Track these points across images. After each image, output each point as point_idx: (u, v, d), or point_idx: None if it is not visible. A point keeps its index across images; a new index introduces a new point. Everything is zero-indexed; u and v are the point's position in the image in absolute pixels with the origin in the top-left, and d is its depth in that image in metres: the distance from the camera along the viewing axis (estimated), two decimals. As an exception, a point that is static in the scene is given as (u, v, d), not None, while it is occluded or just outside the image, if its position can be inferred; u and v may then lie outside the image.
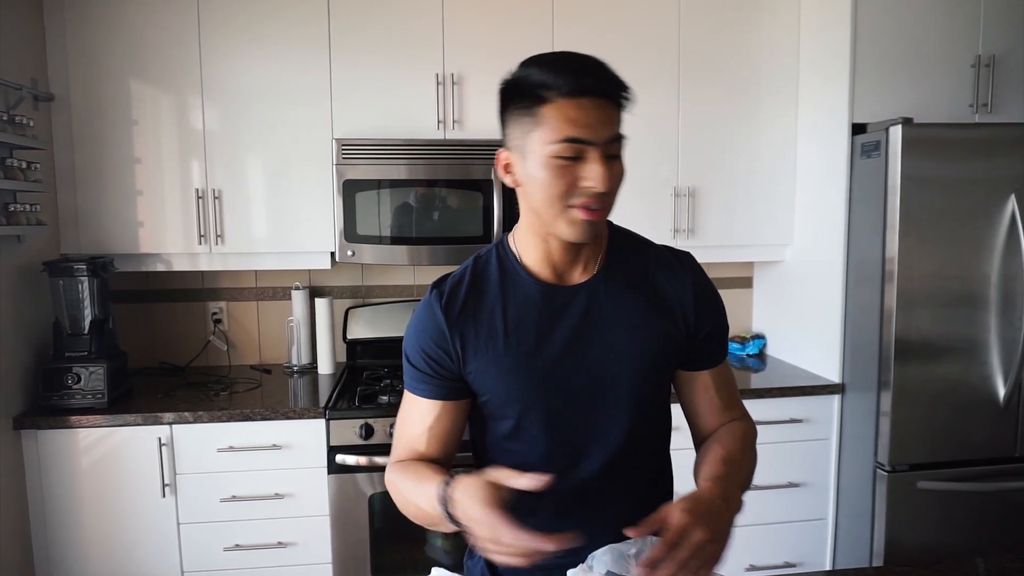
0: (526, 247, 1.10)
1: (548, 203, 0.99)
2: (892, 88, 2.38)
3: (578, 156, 0.96)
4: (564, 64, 0.96)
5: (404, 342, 1.13)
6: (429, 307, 1.10)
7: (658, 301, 1.11)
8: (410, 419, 1.12)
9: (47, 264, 2.24)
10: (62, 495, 2.18)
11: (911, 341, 2.23)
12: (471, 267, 1.13)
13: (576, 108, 0.95)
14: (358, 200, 2.45)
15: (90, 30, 2.35)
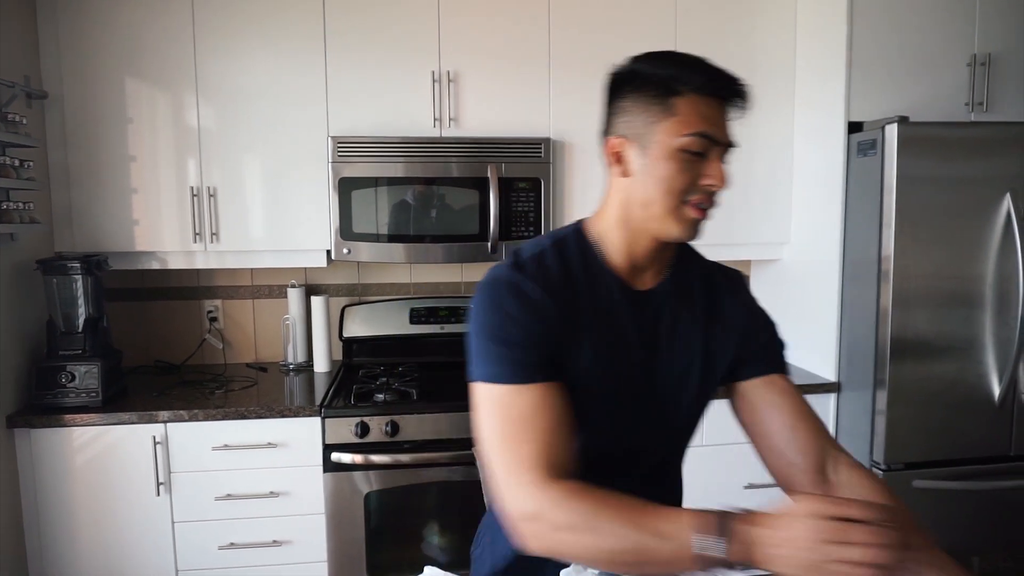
0: (610, 241, 1.06)
1: (666, 196, 0.97)
2: (888, 86, 2.38)
3: (703, 153, 0.96)
4: (696, 62, 0.97)
5: (484, 326, 0.99)
6: (516, 284, 1.00)
7: (715, 315, 1.11)
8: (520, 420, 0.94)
9: (40, 262, 2.23)
10: (56, 494, 2.18)
11: (907, 340, 2.23)
12: (550, 250, 1.05)
13: (708, 105, 0.96)
14: (354, 198, 2.44)
15: (84, 27, 2.34)
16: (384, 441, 2.24)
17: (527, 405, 0.95)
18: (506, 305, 0.99)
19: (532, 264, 1.03)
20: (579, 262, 1.05)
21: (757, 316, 1.15)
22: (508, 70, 2.51)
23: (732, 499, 2.48)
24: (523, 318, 0.98)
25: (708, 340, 1.09)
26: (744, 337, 1.11)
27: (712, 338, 1.10)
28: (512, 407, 0.95)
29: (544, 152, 2.50)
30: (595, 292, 1.04)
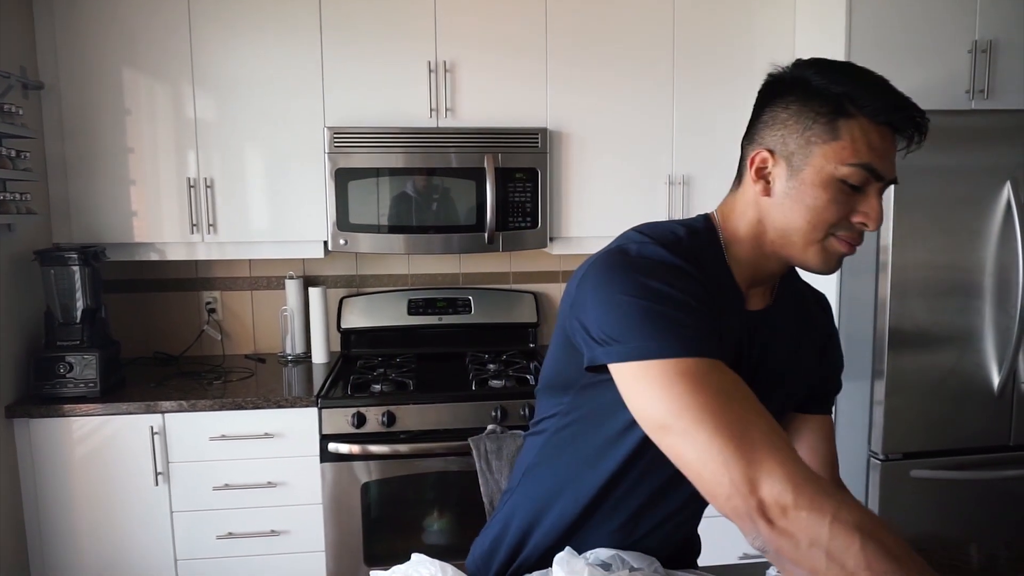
0: (737, 252, 0.95)
1: (811, 227, 0.88)
2: (888, 74, 2.31)
3: (861, 187, 0.87)
4: (877, 83, 0.87)
5: (641, 298, 0.81)
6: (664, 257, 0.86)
7: (810, 342, 1.05)
8: (731, 392, 0.78)
9: (38, 253, 2.23)
10: (55, 483, 2.19)
11: (905, 330, 2.22)
12: (687, 239, 0.93)
13: (880, 136, 0.86)
14: (350, 189, 2.44)
15: (80, 18, 2.34)
16: (381, 431, 2.24)
17: (729, 379, 0.80)
18: (667, 276, 0.84)
19: (677, 247, 0.89)
20: (711, 263, 0.93)
21: (835, 348, 1.10)
22: (505, 60, 2.50)
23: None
24: (691, 288, 0.84)
25: (801, 366, 1.03)
26: (826, 367, 1.08)
27: (805, 363, 1.04)
28: (711, 377, 0.78)
29: (541, 142, 2.49)
30: (722, 301, 0.92)
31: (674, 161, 2.63)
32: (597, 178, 2.59)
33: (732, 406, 0.76)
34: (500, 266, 2.93)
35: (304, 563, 2.29)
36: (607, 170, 2.59)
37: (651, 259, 0.86)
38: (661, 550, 1.06)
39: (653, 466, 0.98)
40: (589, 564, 1.00)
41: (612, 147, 2.59)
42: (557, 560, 1.00)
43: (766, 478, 0.72)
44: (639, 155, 2.61)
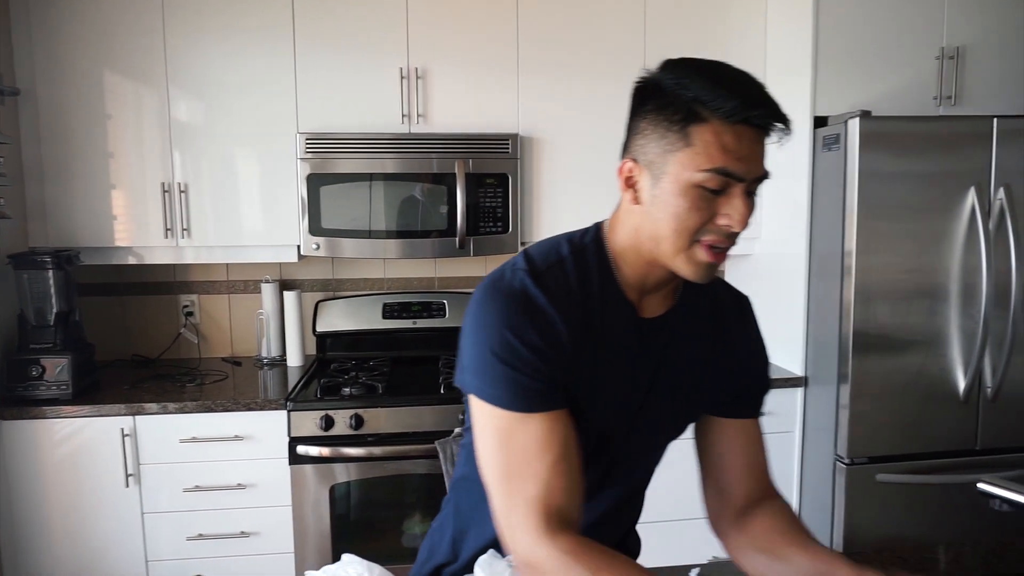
0: (624, 262, 0.96)
1: (675, 235, 0.87)
2: (856, 81, 2.37)
3: (721, 190, 0.85)
4: (730, 82, 0.85)
5: (496, 344, 0.89)
6: (534, 300, 0.90)
7: (722, 345, 1.04)
8: (526, 451, 0.88)
9: (12, 257, 2.26)
10: (28, 484, 2.22)
11: (869, 334, 2.23)
12: (572, 262, 0.96)
13: (734, 136, 0.84)
14: (323, 193, 2.46)
15: (56, 24, 2.37)
16: (349, 434, 2.26)
17: (532, 437, 0.88)
18: (516, 320, 0.89)
19: (551, 274, 0.93)
20: (597, 279, 0.95)
21: (756, 352, 1.09)
22: (476, 66, 2.52)
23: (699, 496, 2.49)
24: (534, 340, 0.89)
25: (710, 369, 1.03)
26: (744, 370, 1.07)
27: (714, 366, 1.04)
28: (516, 437, 0.88)
29: (512, 148, 2.51)
30: (608, 317, 0.95)
31: (646, 166, 2.64)
32: (568, 183, 2.61)
33: (520, 464, 0.88)
34: (475, 270, 2.96)
35: (273, 564, 2.30)
36: (578, 175, 2.61)
37: (514, 299, 0.90)
38: None
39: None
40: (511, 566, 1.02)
41: (582, 152, 2.60)
42: (479, 563, 1.02)
43: (519, 538, 0.87)
44: (609, 159, 2.59)
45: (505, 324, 0.89)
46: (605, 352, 0.94)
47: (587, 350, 0.92)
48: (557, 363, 0.90)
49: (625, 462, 1.06)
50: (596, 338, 0.93)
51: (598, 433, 0.99)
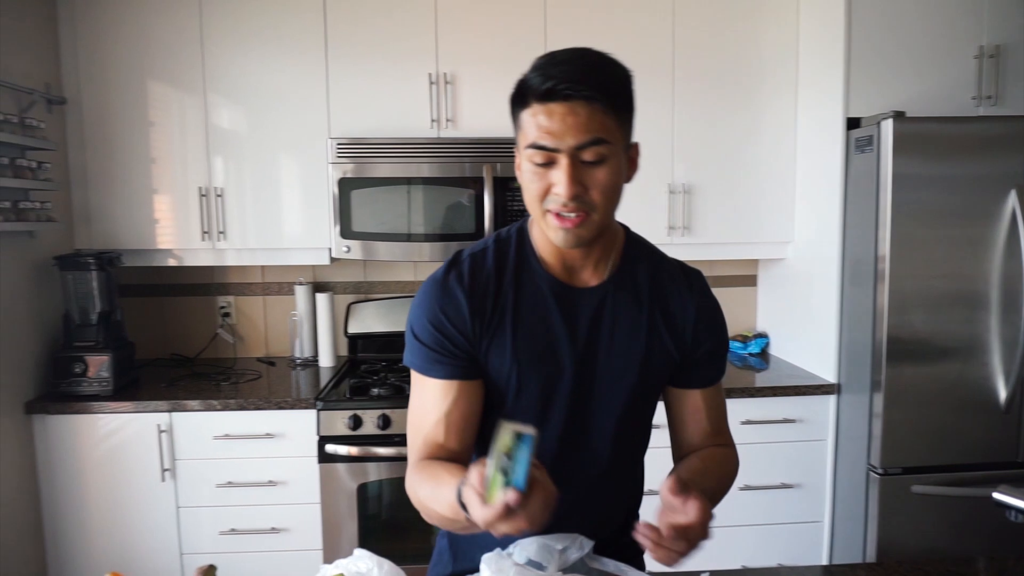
0: (541, 239, 1.07)
1: (530, 206, 0.99)
2: (891, 81, 2.32)
3: (550, 162, 0.94)
4: (545, 66, 0.93)
5: (411, 320, 1.08)
6: (446, 284, 1.06)
7: (662, 315, 1.09)
8: (423, 407, 1.06)
9: (57, 258, 2.36)
10: (70, 476, 2.30)
11: (904, 341, 2.17)
12: (493, 248, 1.09)
13: (546, 113, 0.92)
14: (353, 197, 2.51)
15: (101, 36, 2.47)
16: (376, 434, 2.29)
17: (429, 396, 1.05)
18: (428, 301, 1.06)
19: (468, 262, 1.07)
20: (515, 261, 1.07)
21: (702, 325, 1.11)
22: (505, 71, 2.50)
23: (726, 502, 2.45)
24: (438, 316, 1.04)
25: (651, 340, 1.08)
26: (690, 341, 1.10)
27: (656, 337, 1.09)
28: (420, 394, 1.07)
29: (540, 151, 2.51)
30: (525, 291, 1.06)
31: (674, 169, 2.63)
32: (597, 187, 2.60)
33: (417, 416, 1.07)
34: (505, 273, 2.97)
35: (302, 560, 2.35)
36: (607, 179, 2.60)
37: (430, 284, 1.07)
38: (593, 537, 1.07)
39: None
40: (516, 564, 1.03)
41: (612, 156, 2.60)
42: (484, 560, 1.03)
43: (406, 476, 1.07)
44: (640, 164, 2.61)
45: (419, 305, 1.07)
46: (522, 319, 1.05)
47: (498, 319, 1.05)
48: (461, 337, 1.04)
49: (583, 430, 1.10)
50: (510, 309, 1.05)
51: (539, 391, 1.06)
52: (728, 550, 2.47)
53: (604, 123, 0.93)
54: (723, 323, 1.16)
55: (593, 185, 0.94)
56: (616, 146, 0.95)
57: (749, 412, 2.42)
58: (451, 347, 1.04)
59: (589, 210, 0.95)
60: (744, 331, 3.03)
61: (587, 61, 0.95)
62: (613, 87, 0.95)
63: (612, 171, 0.95)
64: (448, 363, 1.04)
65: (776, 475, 2.46)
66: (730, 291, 3.05)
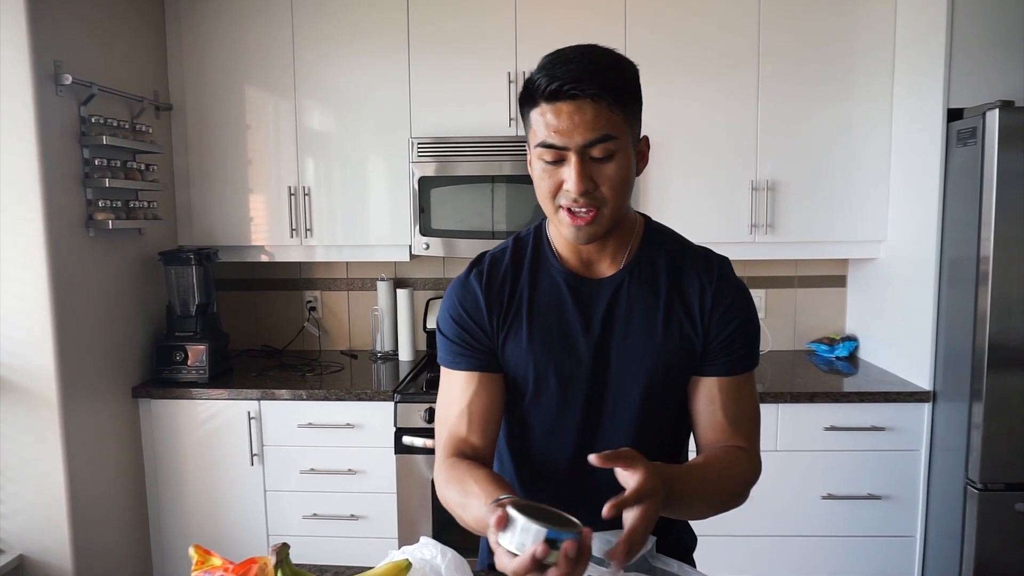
0: (557, 234, 1.11)
1: (542, 202, 1.03)
2: (997, 68, 2.16)
3: (559, 160, 0.97)
4: (551, 66, 0.95)
5: (438, 318, 1.16)
6: (467, 283, 1.13)
7: (680, 303, 1.09)
8: (449, 399, 1.12)
9: (162, 254, 2.54)
10: (170, 457, 2.48)
11: (1008, 347, 2.02)
12: (511, 247, 1.15)
13: (554, 112, 0.95)
14: (433, 195, 2.57)
15: (202, 45, 2.63)
16: (451, 427, 2.34)
17: (454, 388, 1.12)
18: (451, 299, 1.14)
19: (488, 262, 1.14)
20: (531, 258, 1.12)
21: (722, 312, 1.08)
22: None
23: (808, 511, 2.37)
24: (459, 313, 1.12)
25: (669, 326, 1.08)
26: (709, 328, 1.08)
27: (674, 323, 1.08)
28: (446, 388, 1.14)
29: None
30: (541, 284, 1.11)
31: (759, 166, 2.55)
32: (675, 184, 2.57)
33: (442, 407, 1.13)
34: (581, 272, 2.96)
35: (379, 547, 2.41)
36: (686, 176, 2.56)
37: (455, 285, 1.14)
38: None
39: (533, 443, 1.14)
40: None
41: (693, 152, 2.55)
42: (546, 555, 1.04)
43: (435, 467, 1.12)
44: (721, 160, 2.55)
45: (444, 303, 1.15)
46: (538, 311, 1.10)
47: (517, 312, 1.10)
48: (480, 331, 1.10)
49: (603, 418, 1.10)
50: (526, 302, 1.10)
51: (557, 381, 1.09)
52: (811, 561, 2.38)
53: (611, 120, 0.95)
54: (749, 311, 1.11)
55: (603, 181, 0.97)
56: (624, 141, 0.97)
57: (834, 418, 2.32)
58: (472, 341, 1.10)
59: (600, 205, 0.98)
60: (831, 334, 2.90)
61: (592, 59, 0.96)
62: (619, 83, 0.96)
63: (621, 166, 0.97)
64: (469, 356, 1.10)
65: (862, 485, 2.34)
66: (817, 292, 2.93)
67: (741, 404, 1.10)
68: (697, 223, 2.55)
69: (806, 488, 2.35)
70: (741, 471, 1.06)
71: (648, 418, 1.10)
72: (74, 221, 2.17)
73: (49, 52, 2.05)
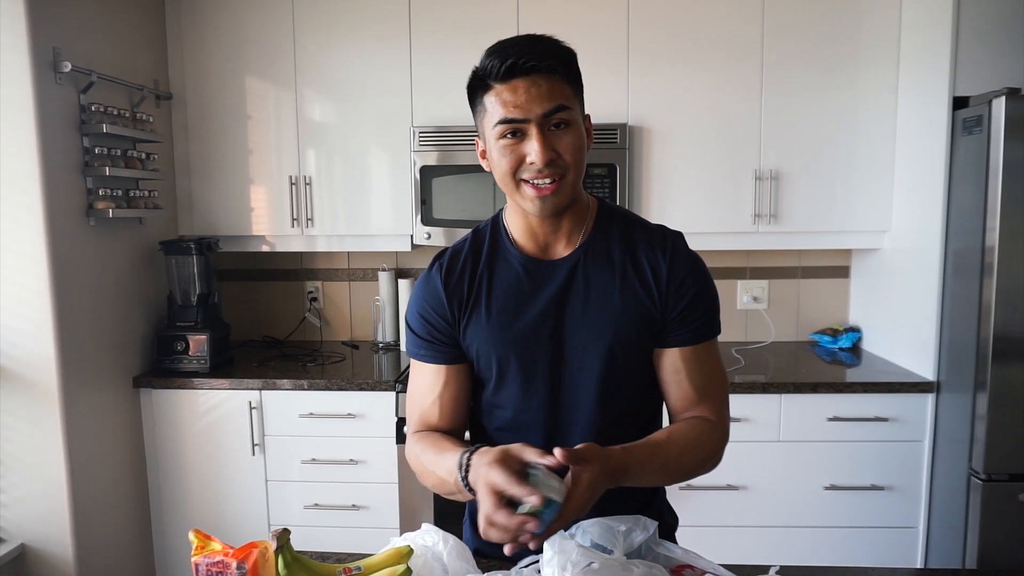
0: (513, 222, 1.15)
1: (503, 181, 1.06)
2: (1004, 55, 2.14)
3: (520, 134, 1.01)
4: (498, 50, 1.01)
5: (407, 314, 1.20)
6: (429, 277, 1.17)
7: (637, 277, 1.12)
8: (419, 389, 1.18)
9: (163, 243, 2.53)
10: (171, 447, 2.47)
11: (1012, 339, 2.01)
12: (470, 239, 1.19)
13: (510, 90, 1.00)
14: (434, 185, 2.56)
15: (203, 34, 2.62)
16: (452, 418, 2.33)
17: (424, 379, 1.17)
18: (417, 295, 1.19)
19: (449, 256, 1.17)
20: (489, 247, 1.16)
21: (681, 276, 1.11)
22: (586, 55, 2.46)
23: (811, 501, 2.36)
24: (424, 307, 1.16)
25: (625, 300, 1.10)
26: (666, 299, 1.11)
27: (630, 296, 1.10)
28: (416, 377, 1.19)
29: (621, 138, 2.48)
30: (498, 271, 1.14)
31: (762, 155, 2.53)
32: (679, 174, 2.55)
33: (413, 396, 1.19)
34: (584, 262, 2.95)
35: (381, 537, 2.41)
36: (690, 165, 2.54)
37: (421, 282, 1.18)
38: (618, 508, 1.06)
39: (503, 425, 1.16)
40: (581, 546, 1.02)
41: (695, 142, 2.53)
42: (548, 542, 1.03)
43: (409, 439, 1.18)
44: (724, 150, 2.54)
45: (411, 301, 1.19)
46: (496, 297, 1.13)
47: (474, 300, 1.13)
48: (444, 323, 1.14)
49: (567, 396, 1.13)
50: (485, 289, 1.13)
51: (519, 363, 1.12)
52: (814, 552, 2.37)
53: (564, 91, 1.01)
54: (704, 282, 1.13)
55: (564, 149, 1.01)
56: (576, 112, 1.03)
57: (838, 408, 2.31)
58: (437, 335, 1.15)
59: (564, 174, 1.02)
60: (835, 325, 2.89)
61: (538, 39, 1.03)
62: (567, 58, 1.03)
63: (577, 135, 1.03)
64: (435, 350, 1.15)
65: (865, 476, 2.34)
66: (820, 282, 2.91)
67: (705, 372, 1.14)
68: (700, 213, 2.54)
69: (809, 479, 2.35)
70: (704, 444, 1.10)
71: (611, 392, 1.12)
72: (74, 210, 2.16)
73: (48, 39, 2.04)
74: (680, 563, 1.05)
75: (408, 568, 1.00)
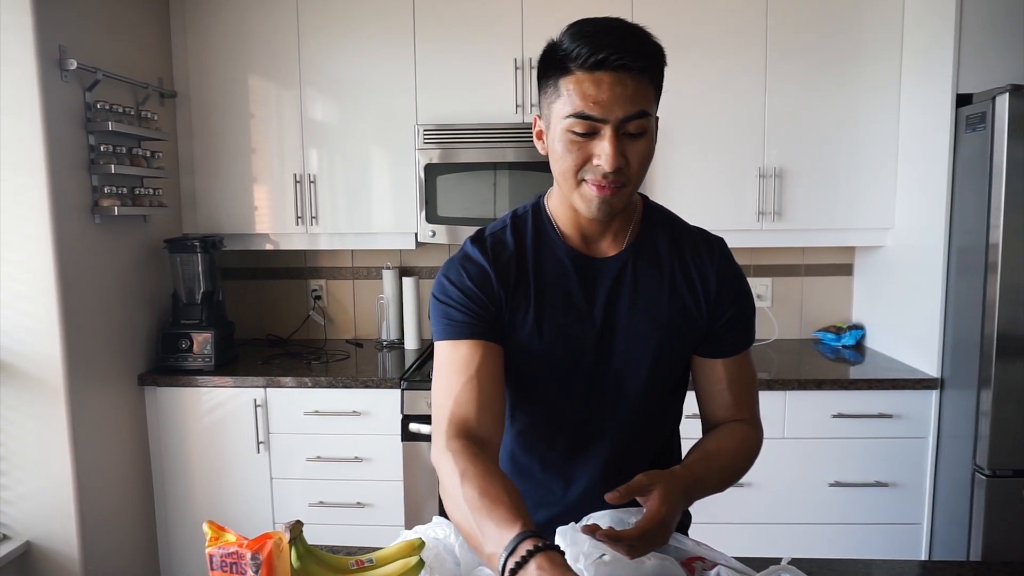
0: (559, 212, 1.09)
1: (562, 176, 0.99)
2: (1008, 52, 2.14)
3: (592, 132, 0.94)
4: (591, 34, 0.93)
5: (436, 291, 1.08)
6: (470, 255, 1.08)
7: (683, 282, 1.09)
8: (449, 374, 1.03)
9: (167, 241, 2.53)
10: (176, 444, 2.48)
11: (1016, 335, 2.01)
12: (510, 224, 1.12)
13: (593, 83, 0.92)
14: (439, 183, 2.56)
15: (207, 33, 2.62)
16: (457, 415, 2.34)
17: (455, 360, 1.04)
18: (453, 271, 1.08)
19: (490, 239, 1.10)
20: (533, 236, 1.10)
21: (727, 286, 1.10)
22: None
23: (815, 498, 2.36)
24: (463, 281, 1.06)
25: (673, 305, 1.08)
26: (713, 308, 1.09)
27: (678, 302, 1.08)
28: (445, 363, 1.05)
29: (624, 136, 2.48)
30: (545, 263, 1.08)
31: (766, 152, 2.54)
32: (683, 171, 2.56)
33: (444, 383, 1.04)
34: (587, 260, 2.95)
35: (386, 535, 2.41)
36: (693, 162, 2.55)
37: (455, 258, 1.09)
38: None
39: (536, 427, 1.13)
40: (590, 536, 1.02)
41: (698, 139, 2.54)
42: (559, 532, 1.03)
43: (433, 445, 1.03)
44: (728, 147, 2.54)
45: (443, 274, 1.09)
46: (544, 290, 1.07)
47: (523, 290, 1.07)
48: (486, 300, 1.05)
49: (608, 397, 1.10)
50: (532, 280, 1.07)
51: (563, 359, 1.07)
52: (818, 549, 2.37)
53: (647, 95, 0.95)
54: (747, 291, 1.13)
55: (633, 158, 0.96)
56: (653, 119, 0.97)
57: (841, 405, 2.32)
58: (477, 309, 1.05)
59: (626, 182, 0.97)
60: (838, 322, 2.89)
61: (632, 31, 0.95)
62: (657, 60, 0.96)
63: (650, 144, 0.97)
64: (475, 323, 1.04)
65: (870, 472, 2.34)
66: (823, 280, 2.92)
67: (744, 380, 1.14)
68: (704, 210, 2.54)
69: (813, 475, 2.35)
70: (750, 448, 1.11)
71: (652, 398, 1.12)
72: (80, 207, 2.17)
73: (54, 36, 2.04)
74: (691, 555, 1.06)
75: (421, 560, 1.00)
